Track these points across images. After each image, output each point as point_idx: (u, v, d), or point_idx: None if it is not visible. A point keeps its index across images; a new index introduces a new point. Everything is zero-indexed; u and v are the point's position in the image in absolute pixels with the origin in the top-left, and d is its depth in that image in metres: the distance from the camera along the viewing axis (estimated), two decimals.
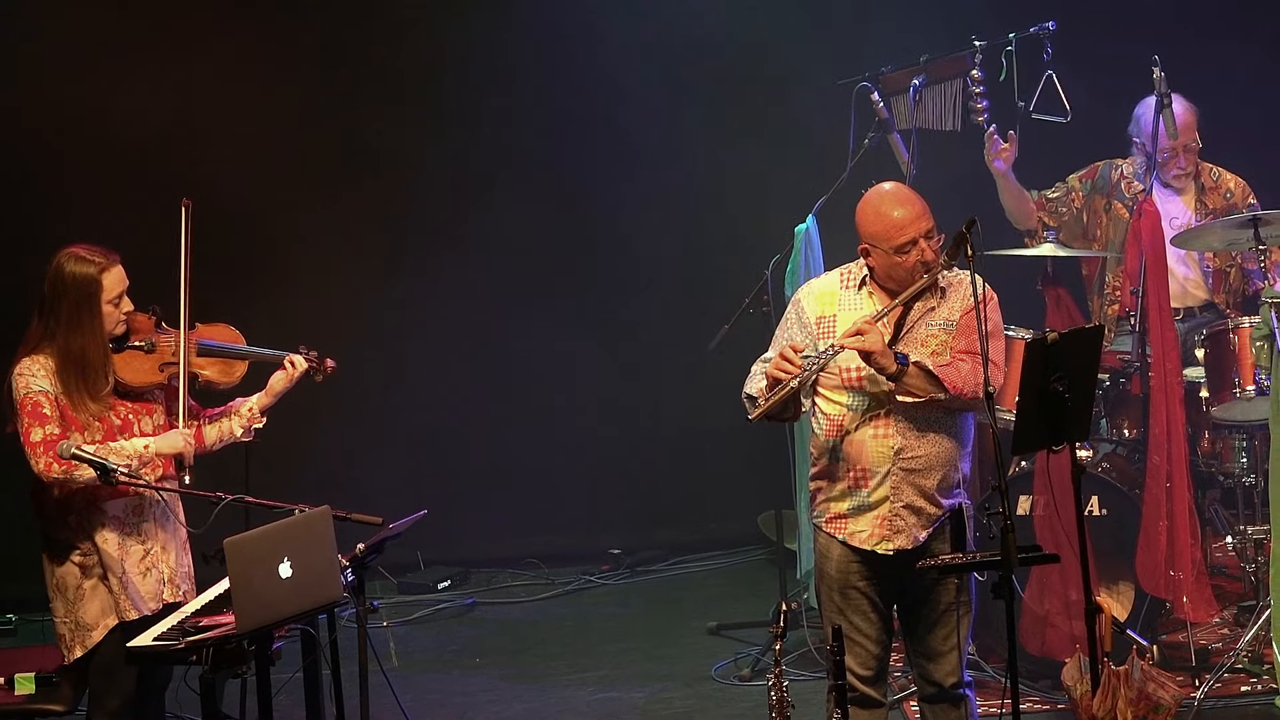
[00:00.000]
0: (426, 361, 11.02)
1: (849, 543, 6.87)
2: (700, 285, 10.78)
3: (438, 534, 9.49)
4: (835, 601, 6.94)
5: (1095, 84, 9.49)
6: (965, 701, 6.96)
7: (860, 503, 6.85)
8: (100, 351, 7.17)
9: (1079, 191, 9.42)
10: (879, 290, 6.85)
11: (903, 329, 6.81)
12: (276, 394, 7.52)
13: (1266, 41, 10.48)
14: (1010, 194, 9.33)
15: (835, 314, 6.86)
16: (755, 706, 8.34)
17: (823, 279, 7.08)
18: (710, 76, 11.02)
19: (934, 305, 6.83)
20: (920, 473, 6.79)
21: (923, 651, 6.96)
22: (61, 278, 7.15)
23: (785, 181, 10.17)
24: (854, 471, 6.83)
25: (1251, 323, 8.65)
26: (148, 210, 8.81)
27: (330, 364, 7.64)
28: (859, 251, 6.89)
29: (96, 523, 7.16)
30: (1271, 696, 8.38)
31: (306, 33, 11.05)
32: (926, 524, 6.83)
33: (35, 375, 7.11)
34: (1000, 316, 6.94)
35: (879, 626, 6.94)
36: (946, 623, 6.89)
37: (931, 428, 6.79)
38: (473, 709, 9.00)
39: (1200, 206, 9.36)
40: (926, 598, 6.89)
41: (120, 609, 7.16)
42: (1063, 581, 8.42)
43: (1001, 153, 9.21)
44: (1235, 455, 8.98)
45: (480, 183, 11.15)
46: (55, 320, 7.15)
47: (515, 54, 11.05)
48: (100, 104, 10.56)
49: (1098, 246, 9.36)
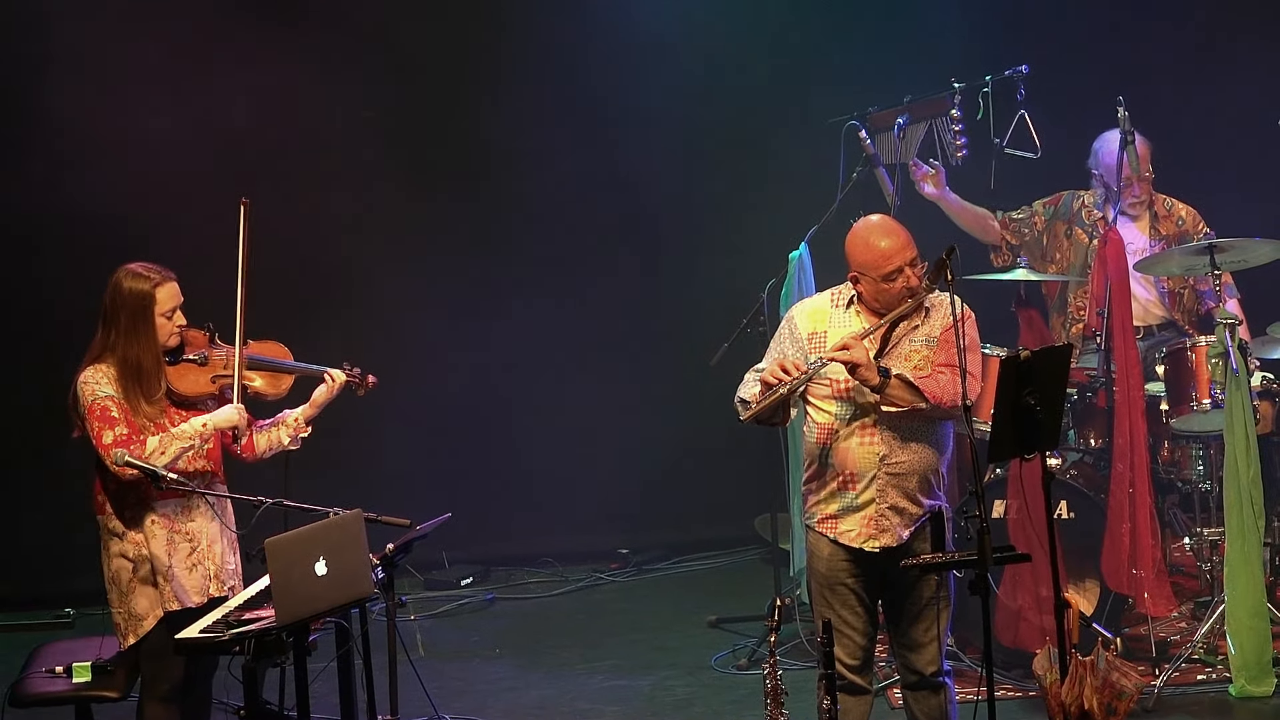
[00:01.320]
0: (453, 376, 11.00)
1: (838, 541, 6.88)
2: (703, 307, 10.76)
3: (461, 535, 9.49)
4: (825, 596, 6.95)
5: (1065, 121, 9.50)
6: (945, 689, 6.97)
7: (848, 504, 6.86)
8: (153, 359, 7.19)
9: (1041, 215, 9.45)
10: (865, 310, 6.88)
11: (888, 345, 6.84)
12: (319, 405, 7.53)
13: (1215, 81, 10.52)
14: (955, 213, 9.37)
15: (825, 330, 6.89)
16: (751, 694, 8.33)
17: (814, 298, 7.10)
18: (716, 119, 11.02)
19: (918, 324, 6.86)
20: (903, 477, 6.81)
21: (905, 642, 6.97)
22: (120, 292, 7.20)
23: (780, 212, 10.16)
24: (842, 476, 6.84)
25: (1208, 341, 8.66)
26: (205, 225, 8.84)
27: (372, 379, 7.65)
28: (849, 278, 6.91)
29: (147, 521, 7.17)
30: (1225, 685, 8.38)
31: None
32: (909, 523, 6.84)
33: (100, 383, 7.14)
34: (977, 333, 6.96)
35: (865, 619, 6.95)
36: (927, 616, 6.90)
37: (914, 436, 6.80)
38: (492, 695, 8.99)
39: (1154, 233, 9.38)
40: (909, 593, 6.89)
41: (165, 600, 7.17)
42: (1034, 579, 8.41)
43: (925, 178, 9.25)
44: (1193, 463, 8.97)
45: (497, 191, 11.13)
46: (115, 331, 7.20)
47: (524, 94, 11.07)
48: (160, 116, 10.59)
49: (1054, 269, 9.38)
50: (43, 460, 9.93)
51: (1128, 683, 6.73)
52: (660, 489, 11.27)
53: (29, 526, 10.65)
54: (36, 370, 10.25)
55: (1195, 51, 10.61)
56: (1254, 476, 8.29)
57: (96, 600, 7.58)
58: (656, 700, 8.85)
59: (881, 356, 6.78)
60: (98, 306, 7.25)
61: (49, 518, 10.37)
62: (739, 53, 10.99)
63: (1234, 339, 8.35)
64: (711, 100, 10.99)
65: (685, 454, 11.23)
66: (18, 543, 10.69)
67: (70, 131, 10.50)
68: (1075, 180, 9.50)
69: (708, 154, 11.11)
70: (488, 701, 8.88)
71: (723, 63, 10.99)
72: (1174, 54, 10.57)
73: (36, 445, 10.21)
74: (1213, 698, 8.37)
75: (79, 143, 10.52)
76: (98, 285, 7.30)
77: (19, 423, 10.50)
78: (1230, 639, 8.30)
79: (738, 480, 10.98)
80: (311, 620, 6.62)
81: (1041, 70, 9.18)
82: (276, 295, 8.26)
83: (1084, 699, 6.65)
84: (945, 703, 6.96)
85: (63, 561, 10.28)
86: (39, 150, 10.63)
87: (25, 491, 10.62)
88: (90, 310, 7.40)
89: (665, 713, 8.70)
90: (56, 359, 7.98)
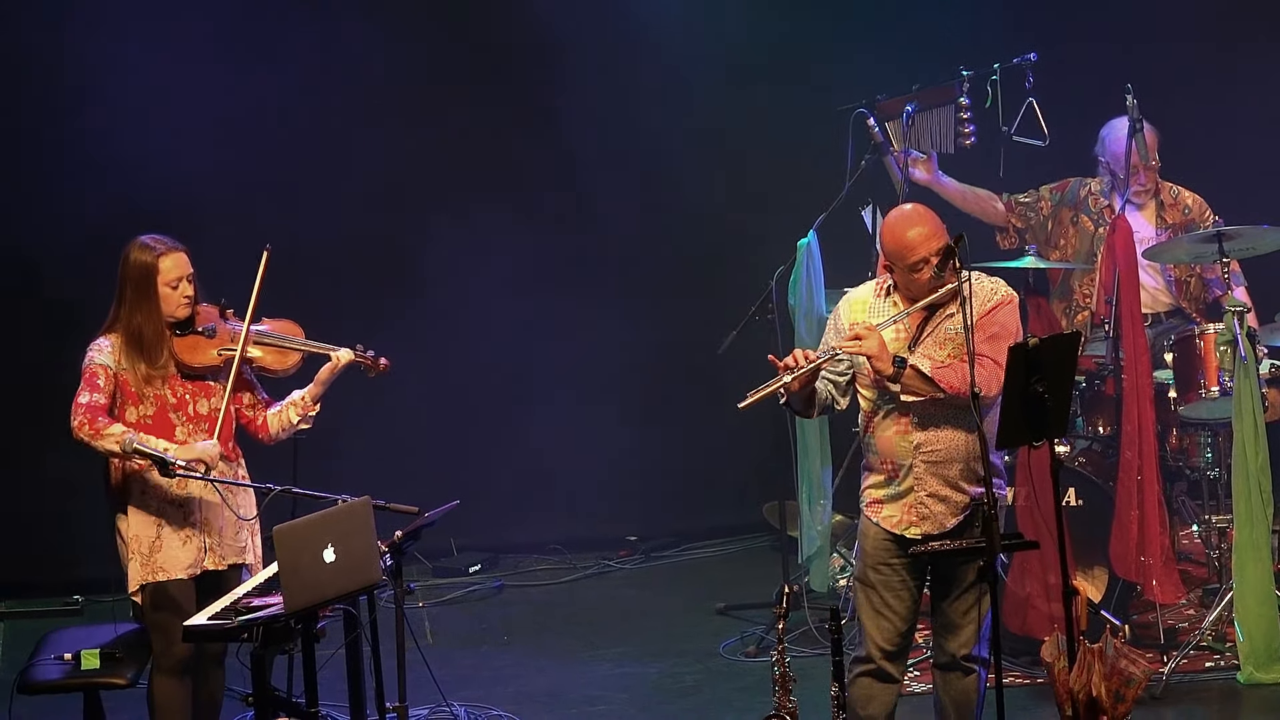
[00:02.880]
0: (461, 366, 11.00)
1: (883, 525, 6.90)
2: (712, 294, 10.75)
3: (469, 522, 9.46)
4: (869, 577, 6.96)
5: (1073, 109, 9.49)
6: (975, 675, 6.98)
7: (893, 491, 6.89)
8: (154, 329, 7.26)
9: (1048, 201, 9.44)
10: (904, 300, 6.88)
11: (924, 332, 6.83)
12: (324, 383, 7.55)
13: (1225, 69, 10.50)
14: (953, 197, 9.36)
15: (866, 319, 6.88)
16: (760, 680, 8.32)
17: (861, 288, 7.09)
18: (726, 106, 10.99)
19: (953, 312, 6.81)
20: (941, 464, 6.81)
21: (942, 622, 6.99)
22: (127, 263, 7.31)
23: (789, 199, 10.15)
24: (886, 464, 6.88)
25: (1216, 329, 8.65)
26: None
27: (384, 363, 7.66)
28: (882, 267, 6.93)
29: (137, 492, 7.26)
30: (1233, 672, 8.37)
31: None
32: (955, 512, 6.83)
33: (102, 350, 7.24)
34: (1016, 319, 6.92)
35: (907, 605, 6.95)
36: (966, 599, 6.89)
37: (948, 423, 6.80)
38: (500, 683, 8.99)
39: (1160, 221, 9.36)
40: (952, 576, 6.90)
41: (154, 571, 7.23)
42: (1042, 566, 8.40)
43: (915, 163, 9.24)
44: (1201, 450, 8.96)
45: (496, 186, 11.13)
46: (122, 302, 7.30)
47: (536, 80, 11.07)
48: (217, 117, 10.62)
49: (1057, 255, 9.36)
50: (50, 447, 9.91)
51: (1136, 670, 6.71)
52: (669, 476, 11.27)
53: (37, 514, 10.64)
54: (41, 354, 10.24)
55: (1203, 39, 10.57)
56: (1262, 464, 8.28)
57: (105, 588, 7.59)
58: (665, 687, 8.85)
59: (916, 345, 6.79)
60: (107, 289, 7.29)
61: (57, 505, 10.37)
62: (747, 40, 10.96)
63: (1242, 326, 8.34)
64: (718, 87, 10.96)
65: (694, 441, 11.22)
66: (26, 530, 10.68)
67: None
68: (1082, 168, 9.48)
69: (717, 142, 11.08)
70: (496, 689, 8.87)
71: (731, 49, 10.96)
72: (1183, 41, 10.53)
73: (43, 431, 10.20)
74: (1221, 685, 8.37)
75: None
76: (101, 271, 7.33)
77: (25, 408, 10.49)
78: (1238, 626, 8.30)
79: (747, 468, 10.98)
80: (320, 607, 6.62)
81: (1050, 58, 9.17)
82: (288, 270, 8.20)
83: (1092, 686, 6.64)
84: (973, 688, 6.97)
85: (71, 549, 10.28)
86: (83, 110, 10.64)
87: (33, 478, 10.62)
88: (98, 293, 7.44)
89: (673, 700, 8.70)
90: (61, 344, 7.98)
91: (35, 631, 8.18)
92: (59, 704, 7.60)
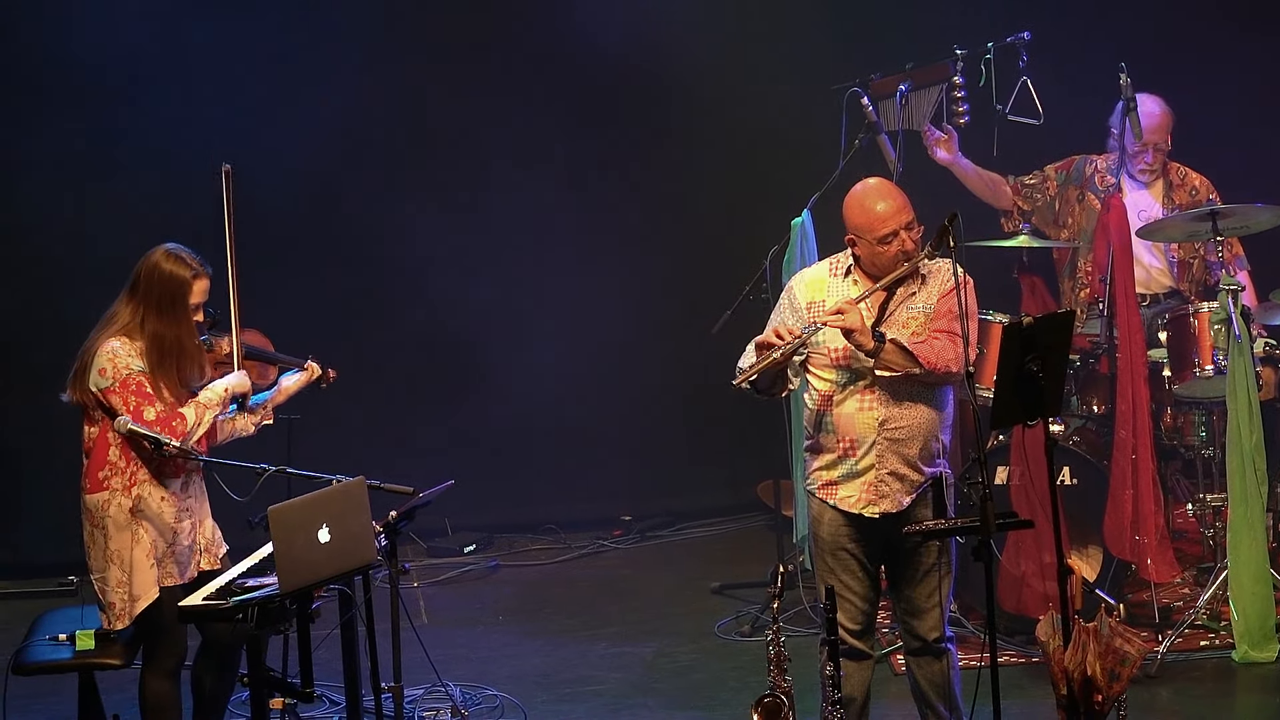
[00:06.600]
0: (455, 345, 10.99)
1: (839, 507, 6.88)
2: (706, 274, 10.74)
3: (464, 502, 9.46)
4: (827, 562, 6.95)
5: (1076, 86, 9.48)
6: (947, 655, 6.97)
7: (849, 470, 6.85)
8: (194, 343, 7.17)
9: (1053, 180, 9.41)
10: (864, 277, 6.88)
11: (886, 312, 6.83)
12: (288, 394, 7.55)
13: (1223, 45, 10.48)
14: (968, 179, 9.32)
15: (824, 299, 6.88)
16: (755, 660, 8.33)
17: (814, 268, 7.10)
18: (718, 86, 10.97)
19: (914, 291, 6.86)
20: (903, 442, 6.80)
21: (908, 609, 6.97)
22: (160, 272, 7.13)
23: (783, 179, 10.14)
24: (843, 442, 6.84)
25: (1210, 308, 8.65)
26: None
27: (332, 374, 7.65)
28: (845, 241, 6.91)
29: (158, 498, 7.16)
30: (1228, 651, 8.38)
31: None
32: (910, 490, 6.83)
33: (132, 356, 7.08)
34: (975, 301, 6.94)
35: (867, 585, 6.95)
36: (929, 582, 6.90)
37: (912, 399, 6.80)
38: (495, 662, 8.99)
39: (1168, 201, 9.33)
40: (911, 559, 6.89)
41: (166, 576, 7.16)
42: (1037, 545, 8.42)
43: (938, 143, 9.20)
44: (1195, 429, 8.96)
45: (497, 155, 11.12)
46: (146, 308, 7.12)
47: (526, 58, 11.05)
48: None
49: (1067, 234, 9.34)
50: (44, 427, 9.91)
51: (1131, 649, 6.71)
52: (663, 456, 11.27)
53: (31, 494, 10.64)
54: (37, 335, 10.24)
55: (1201, 15, 10.55)
56: (1257, 442, 8.28)
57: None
58: (659, 667, 8.85)
59: (879, 323, 6.79)
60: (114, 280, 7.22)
61: (51, 485, 10.34)
62: (742, 20, 10.95)
63: (1236, 305, 8.33)
64: (712, 67, 10.94)
65: (688, 421, 11.23)
66: (20, 510, 10.68)
67: None
68: (1077, 145, 9.47)
69: (709, 120, 11.07)
70: (490, 668, 8.88)
71: (724, 30, 10.94)
72: (1180, 17, 10.52)
73: (37, 411, 10.19)
74: (1216, 663, 8.37)
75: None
76: (103, 263, 7.29)
77: (20, 389, 10.48)
78: (1233, 605, 8.31)
79: (741, 447, 10.98)
80: (314, 588, 6.61)
81: (1044, 35, 9.15)
82: (265, 250, 8.18)
83: (1087, 665, 6.64)
84: (948, 669, 6.96)
85: (65, 529, 10.20)
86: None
87: (27, 459, 10.61)
88: (100, 283, 7.40)
89: (668, 679, 8.70)
90: (57, 326, 7.96)
91: (30, 612, 8.17)
92: (54, 684, 7.60)
